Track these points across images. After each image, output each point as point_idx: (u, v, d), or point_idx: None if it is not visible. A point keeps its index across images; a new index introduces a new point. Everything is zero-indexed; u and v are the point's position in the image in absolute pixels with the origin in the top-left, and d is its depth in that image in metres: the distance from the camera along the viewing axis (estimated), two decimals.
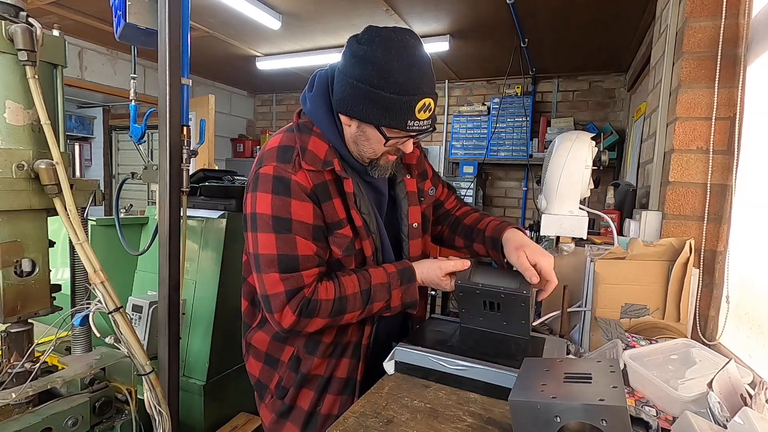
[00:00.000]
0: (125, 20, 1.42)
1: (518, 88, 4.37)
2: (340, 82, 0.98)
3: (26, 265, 1.31)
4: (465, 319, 1.11)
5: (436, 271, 1.08)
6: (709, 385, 0.73)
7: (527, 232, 1.24)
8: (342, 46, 1.01)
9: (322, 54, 3.94)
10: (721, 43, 1.25)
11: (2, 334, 1.32)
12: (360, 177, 1.10)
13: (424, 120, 0.95)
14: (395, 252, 1.18)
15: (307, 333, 1.03)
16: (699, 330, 1.25)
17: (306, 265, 0.99)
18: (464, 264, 1.09)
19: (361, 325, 1.11)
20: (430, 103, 0.94)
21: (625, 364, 0.90)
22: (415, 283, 1.07)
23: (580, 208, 1.31)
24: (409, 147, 1.03)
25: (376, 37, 0.92)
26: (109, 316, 1.31)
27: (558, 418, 0.62)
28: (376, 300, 1.03)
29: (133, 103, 1.66)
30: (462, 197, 1.74)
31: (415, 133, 0.99)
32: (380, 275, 1.04)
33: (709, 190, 1.29)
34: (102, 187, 1.53)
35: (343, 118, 1.01)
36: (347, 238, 1.04)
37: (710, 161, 1.28)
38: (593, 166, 1.28)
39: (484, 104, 4.51)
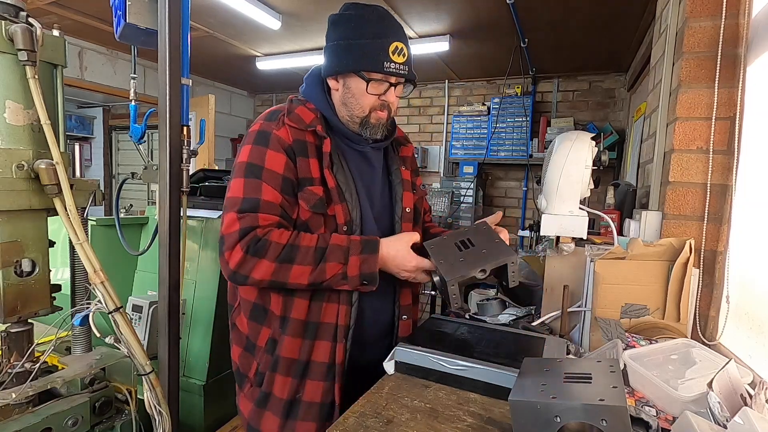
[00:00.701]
0: (125, 20, 1.42)
1: (518, 88, 4.36)
2: (325, 52, 1.11)
3: (26, 265, 1.31)
4: (447, 269, 1.00)
5: (405, 253, 1.04)
6: (709, 385, 0.73)
7: None
8: None
9: (322, 54, 3.94)
10: (721, 43, 1.24)
11: (2, 334, 1.32)
12: (351, 147, 1.15)
13: (399, 63, 1.05)
14: (389, 233, 1.16)
15: (253, 280, 0.99)
16: (699, 330, 1.25)
17: (266, 209, 1.00)
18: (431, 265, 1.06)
19: (336, 304, 1.07)
20: (402, 48, 1.05)
21: (625, 364, 0.90)
22: (377, 255, 1.02)
23: (580, 208, 1.31)
24: (391, 96, 1.09)
25: (350, 6, 1.10)
26: (109, 316, 1.31)
27: (558, 418, 0.62)
28: (330, 260, 0.99)
29: (133, 103, 1.66)
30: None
31: (393, 77, 1.06)
32: (341, 239, 1.02)
33: (709, 190, 1.29)
34: (102, 187, 1.53)
35: (331, 83, 1.11)
36: (316, 195, 1.04)
37: (710, 161, 1.28)
38: (593, 166, 1.28)
39: (484, 104, 4.51)
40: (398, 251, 1.04)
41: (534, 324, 1.32)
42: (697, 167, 1.32)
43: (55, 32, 1.38)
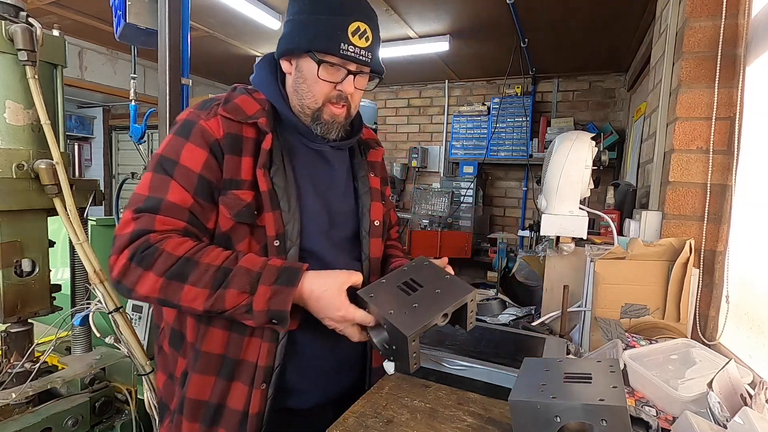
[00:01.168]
0: (125, 20, 1.42)
1: (518, 88, 4.37)
2: (283, 30, 0.94)
3: (26, 265, 1.31)
4: (403, 322, 0.75)
5: (334, 295, 0.80)
6: (709, 385, 0.74)
7: None
8: None
9: None
10: (721, 43, 1.25)
11: (2, 334, 1.32)
12: (306, 145, 0.96)
13: (360, 48, 0.87)
14: (352, 251, 0.99)
15: (138, 296, 0.80)
16: (699, 330, 1.25)
17: (168, 212, 0.82)
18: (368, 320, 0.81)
19: (258, 338, 0.86)
20: (365, 29, 0.88)
21: (625, 364, 0.90)
22: (293, 289, 0.78)
23: (580, 208, 1.31)
24: (349, 86, 0.90)
25: None
26: (109, 316, 1.32)
27: (558, 418, 0.62)
28: (233, 286, 0.78)
29: (133, 103, 1.66)
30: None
31: (352, 64, 0.88)
32: (254, 261, 0.81)
33: (709, 190, 1.29)
34: (102, 187, 1.53)
35: (284, 65, 0.93)
36: (242, 201, 0.85)
37: (710, 161, 1.28)
38: (593, 166, 1.28)
39: (484, 104, 4.51)
40: (325, 291, 0.80)
41: (534, 324, 1.32)
42: (697, 167, 1.32)
43: (55, 32, 1.38)
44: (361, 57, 0.88)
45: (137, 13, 1.43)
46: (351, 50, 0.86)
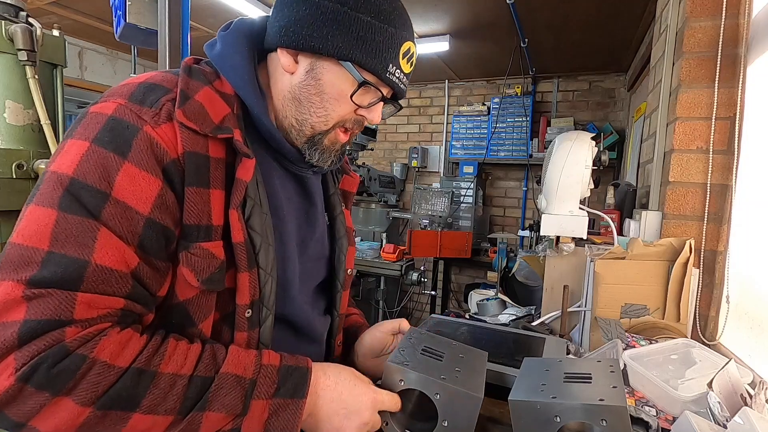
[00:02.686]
0: (125, 20, 1.42)
1: (518, 88, 4.36)
2: (287, 6, 0.66)
3: None
4: (472, 387, 0.66)
5: (363, 400, 0.62)
6: (709, 385, 0.74)
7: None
8: None
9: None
10: (721, 43, 1.24)
11: None
12: (284, 167, 0.72)
13: (406, 73, 0.68)
14: (318, 305, 0.80)
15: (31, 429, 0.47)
16: (699, 330, 1.25)
17: (99, 285, 0.50)
18: (397, 402, 0.66)
19: None
20: (414, 53, 0.68)
21: (625, 364, 0.90)
22: (303, 401, 0.57)
23: (580, 208, 1.31)
24: (376, 114, 0.69)
25: None
26: None
27: (558, 418, 0.62)
28: (215, 407, 0.53)
29: None
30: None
31: (389, 90, 0.68)
32: (242, 359, 0.56)
33: (709, 190, 1.29)
34: None
35: (284, 59, 0.66)
36: (215, 260, 0.58)
37: (710, 161, 1.28)
38: (593, 166, 1.28)
39: (484, 104, 4.51)
40: (350, 392, 0.61)
41: (534, 324, 1.32)
42: (697, 167, 1.32)
43: (55, 32, 1.38)
44: (402, 84, 0.68)
45: (137, 13, 1.43)
46: (397, 75, 0.67)
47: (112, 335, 0.50)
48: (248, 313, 0.62)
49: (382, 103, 0.69)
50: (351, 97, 0.65)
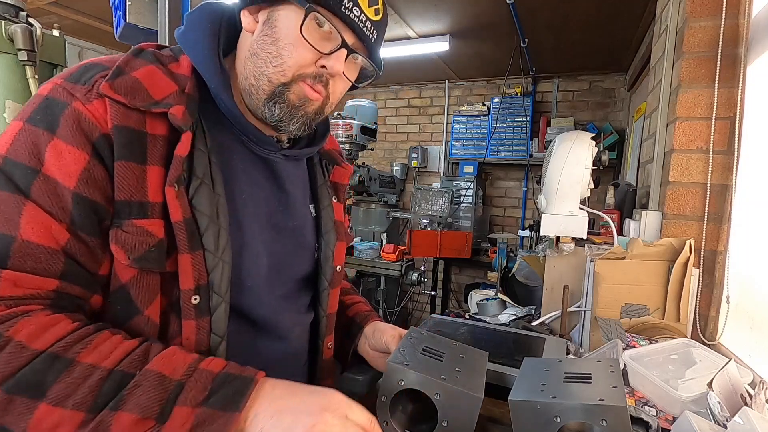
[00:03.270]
0: (125, 20, 1.42)
1: (518, 88, 4.36)
2: None
3: None
4: (473, 387, 0.65)
5: (314, 400, 0.51)
6: (709, 385, 0.74)
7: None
8: None
9: None
10: (721, 43, 1.24)
11: None
12: (248, 148, 0.68)
13: (369, 18, 0.63)
14: (300, 303, 0.76)
15: None
16: (699, 330, 1.25)
17: (26, 262, 0.49)
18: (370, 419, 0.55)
19: None
20: (379, 0, 0.64)
21: (625, 364, 0.90)
22: (235, 415, 0.47)
23: (580, 208, 1.31)
24: (337, 61, 0.62)
25: None
26: None
27: (558, 418, 0.62)
28: (128, 406, 0.46)
29: None
30: None
31: (350, 33, 0.63)
32: (175, 363, 0.50)
33: (709, 190, 1.29)
34: None
35: (245, 18, 0.64)
36: (151, 237, 0.55)
37: (710, 161, 1.28)
38: (593, 166, 1.28)
39: (484, 104, 4.51)
40: (308, 407, 0.50)
41: (534, 324, 1.32)
42: (697, 167, 1.32)
43: (55, 32, 1.38)
44: (365, 29, 0.63)
45: (137, 13, 1.43)
46: (356, 14, 0.61)
47: (36, 316, 0.48)
48: (195, 299, 0.58)
49: (344, 51, 0.62)
50: (300, 30, 0.59)
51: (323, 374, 0.81)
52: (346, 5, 0.60)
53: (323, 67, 0.63)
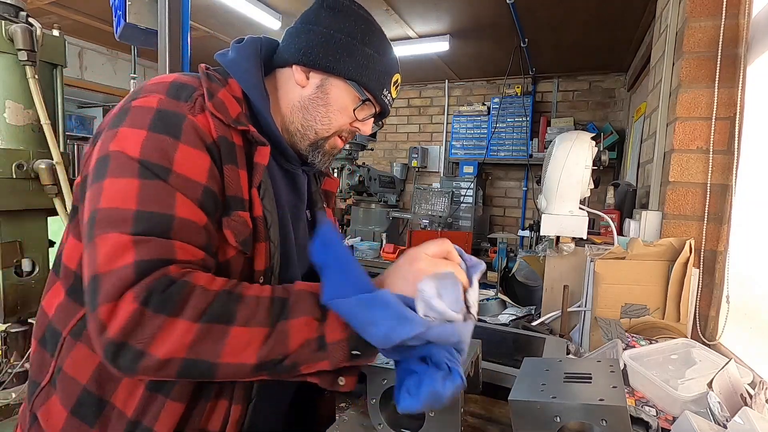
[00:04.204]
0: (125, 20, 1.42)
1: (518, 88, 4.37)
2: (304, 33, 0.79)
3: (26, 265, 1.31)
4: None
5: (419, 273, 0.62)
6: (709, 385, 0.74)
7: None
8: None
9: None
10: (721, 43, 1.24)
11: (2, 334, 1.32)
12: (279, 164, 0.83)
13: (392, 96, 0.84)
14: None
15: (154, 362, 0.54)
16: (699, 330, 1.25)
17: (185, 234, 0.60)
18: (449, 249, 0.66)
19: (227, 400, 0.68)
20: (400, 83, 0.86)
21: (625, 364, 0.90)
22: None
23: (580, 208, 1.31)
24: (368, 128, 0.84)
25: (355, 0, 0.82)
26: None
27: (558, 418, 0.62)
28: (296, 313, 0.58)
29: None
30: None
31: (381, 111, 0.83)
32: (310, 284, 0.64)
33: (709, 190, 1.29)
34: None
35: (298, 75, 0.79)
36: (246, 227, 0.69)
37: (710, 161, 1.28)
38: (593, 166, 1.28)
39: (484, 104, 4.51)
40: (409, 275, 0.63)
41: (534, 324, 1.32)
42: (697, 167, 1.32)
43: (55, 32, 1.38)
44: (390, 107, 0.85)
45: (137, 13, 1.43)
46: (388, 98, 0.83)
47: (199, 273, 0.59)
48: (261, 280, 0.70)
49: (373, 118, 0.84)
50: (354, 110, 0.79)
51: None
52: (384, 94, 0.81)
53: (357, 128, 0.83)
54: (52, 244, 1.38)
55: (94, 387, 0.65)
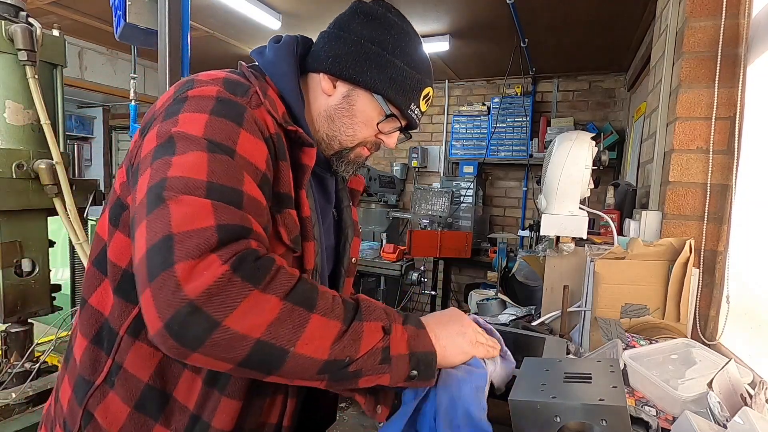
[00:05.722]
0: (125, 20, 1.42)
1: (518, 88, 4.36)
2: (335, 40, 0.77)
3: (26, 265, 1.31)
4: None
5: (464, 335, 0.69)
6: (709, 385, 0.74)
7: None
8: None
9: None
10: (721, 43, 1.24)
11: (2, 334, 1.32)
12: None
13: (421, 113, 0.82)
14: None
15: (232, 335, 0.49)
16: (699, 330, 1.25)
17: (253, 210, 0.59)
18: (496, 347, 0.74)
19: (282, 395, 0.72)
20: (432, 96, 0.83)
21: (625, 364, 0.90)
22: (425, 331, 0.65)
23: (580, 208, 1.31)
24: (393, 141, 0.82)
25: (390, 7, 0.79)
26: None
27: (558, 418, 0.62)
28: (369, 317, 0.59)
29: (133, 103, 1.66)
30: None
31: (407, 124, 0.82)
32: (365, 298, 0.66)
33: (709, 190, 1.29)
34: (102, 187, 1.53)
35: (324, 84, 0.77)
36: (295, 225, 0.69)
37: (710, 161, 1.28)
38: (593, 166, 1.28)
39: (484, 104, 4.51)
40: (453, 329, 0.69)
41: (534, 324, 1.32)
42: (697, 167, 1.32)
43: (55, 32, 1.38)
44: (418, 120, 0.82)
45: (137, 13, 1.43)
46: (416, 113, 0.80)
47: (276, 256, 0.57)
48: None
49: (398, 132, 0.82)
50: (377, 124, 0.78)
51: None
52: (412, 108, 0.79)
53: (381, 140, 0.82)
54: (52, 244, 1.38)
55: (157, 382, 0.66)
